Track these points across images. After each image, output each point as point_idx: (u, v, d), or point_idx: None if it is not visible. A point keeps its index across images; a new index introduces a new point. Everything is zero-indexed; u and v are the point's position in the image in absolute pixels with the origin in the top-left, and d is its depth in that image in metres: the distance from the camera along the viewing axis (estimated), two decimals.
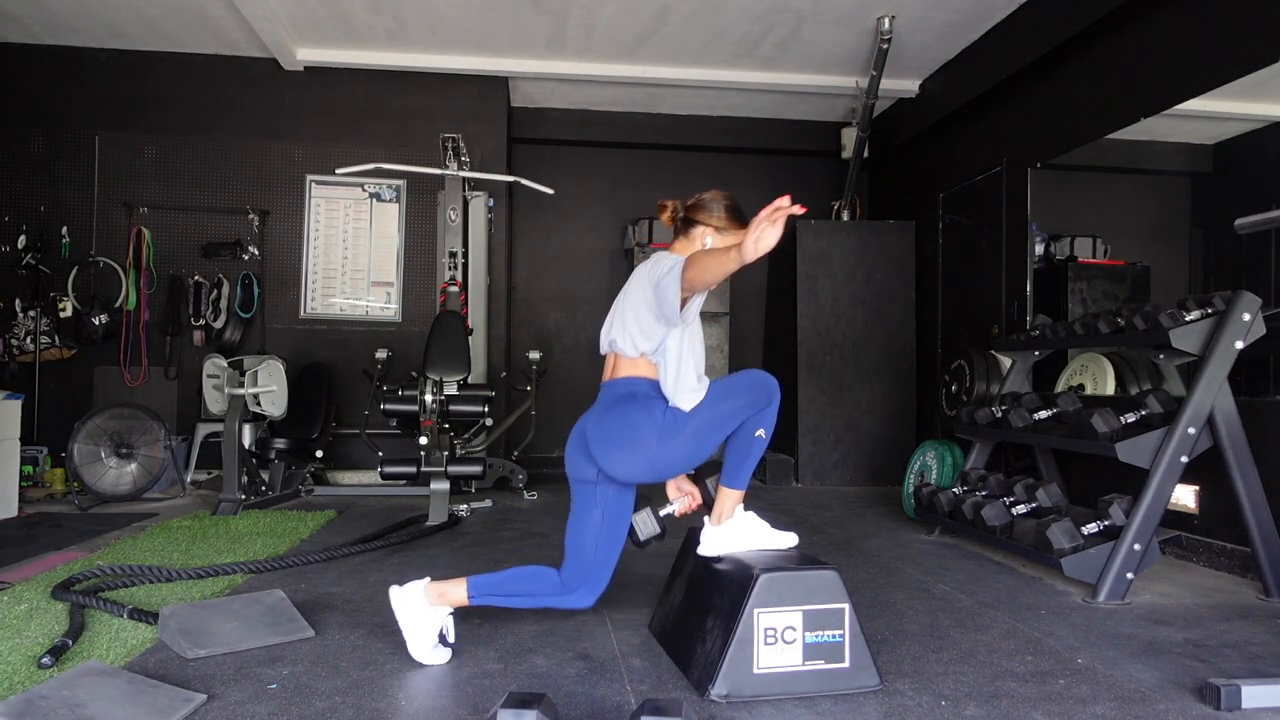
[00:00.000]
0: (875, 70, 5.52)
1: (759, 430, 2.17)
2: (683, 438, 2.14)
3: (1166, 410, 3.07)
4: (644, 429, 2.14)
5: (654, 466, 2.16)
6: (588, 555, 2.23)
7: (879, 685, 2.00)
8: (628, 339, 2.21)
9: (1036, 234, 4.88)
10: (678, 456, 2.15)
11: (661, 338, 2.17)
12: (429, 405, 4.66)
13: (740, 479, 2.22)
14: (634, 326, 2.20)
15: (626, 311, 2.24)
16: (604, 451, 2.18)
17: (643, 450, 2.14)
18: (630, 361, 2.22)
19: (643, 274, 2.24)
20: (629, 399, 2.19)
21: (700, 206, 2.27)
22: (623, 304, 2.27)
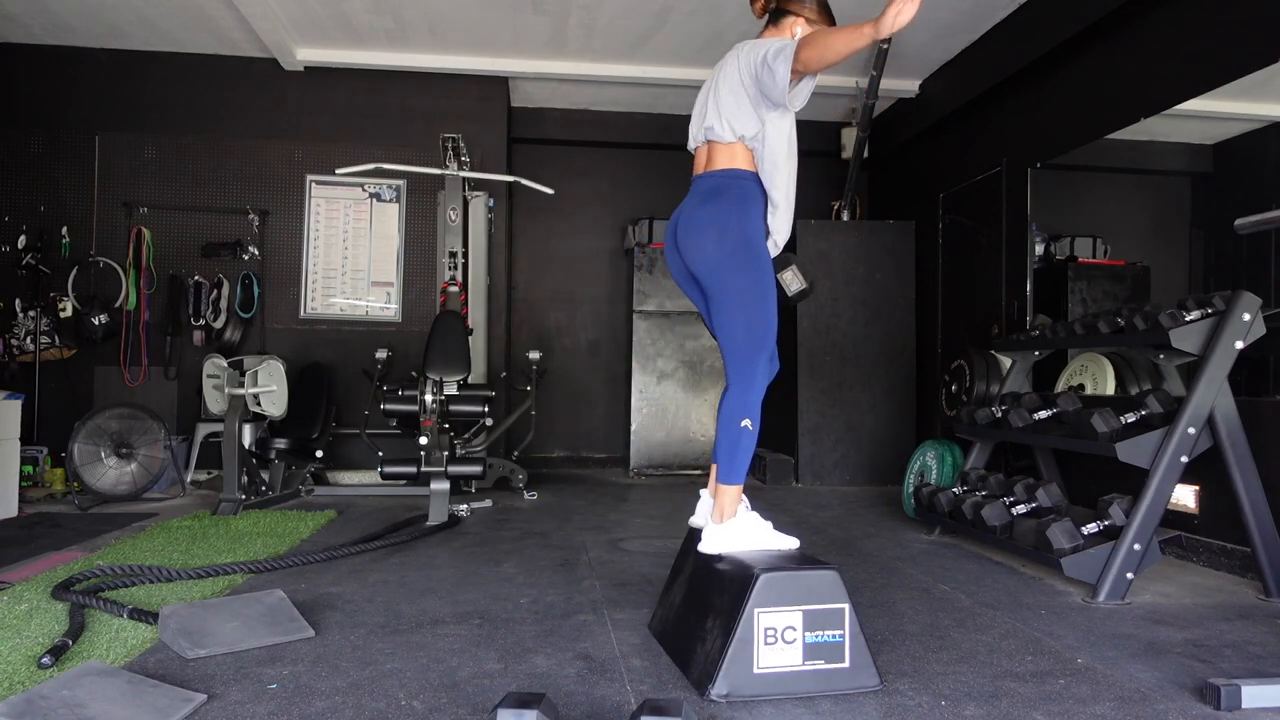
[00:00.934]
0: (875, 70, 5.52)
1: (744, 420, 2.15)
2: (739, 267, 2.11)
3: (1166, 410, 3.07)
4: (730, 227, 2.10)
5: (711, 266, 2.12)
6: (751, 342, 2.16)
7: (879, 685, 2.00)
8: (725, 124, 2.15)
9: (1036, 234, 4.88)
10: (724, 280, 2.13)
11: (761, 123, 2.10)
12: (429, 405, 4.66)
13: (735, 473, 2.21)
14: (731, 107, 2.14)
15: (722, 95, 2.18)
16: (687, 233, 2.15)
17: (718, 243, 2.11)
18: (727, 149, 2.16)
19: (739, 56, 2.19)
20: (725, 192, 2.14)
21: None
22: (715, 91, 2.22)
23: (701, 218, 2.16)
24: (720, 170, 2.18)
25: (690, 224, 2.18)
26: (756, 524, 2.26)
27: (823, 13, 2.25)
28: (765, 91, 2.06)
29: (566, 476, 6.32)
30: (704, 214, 2.16)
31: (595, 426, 6.91)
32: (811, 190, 6.92)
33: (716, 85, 2.23)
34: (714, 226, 2.13)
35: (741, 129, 2.14)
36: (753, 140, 2.14)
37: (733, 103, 2.15)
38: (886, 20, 1.76)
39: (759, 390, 2.17)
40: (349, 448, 5.83)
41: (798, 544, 2.26)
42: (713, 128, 2.20)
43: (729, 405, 2.18)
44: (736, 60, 2.19)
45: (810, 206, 6.73)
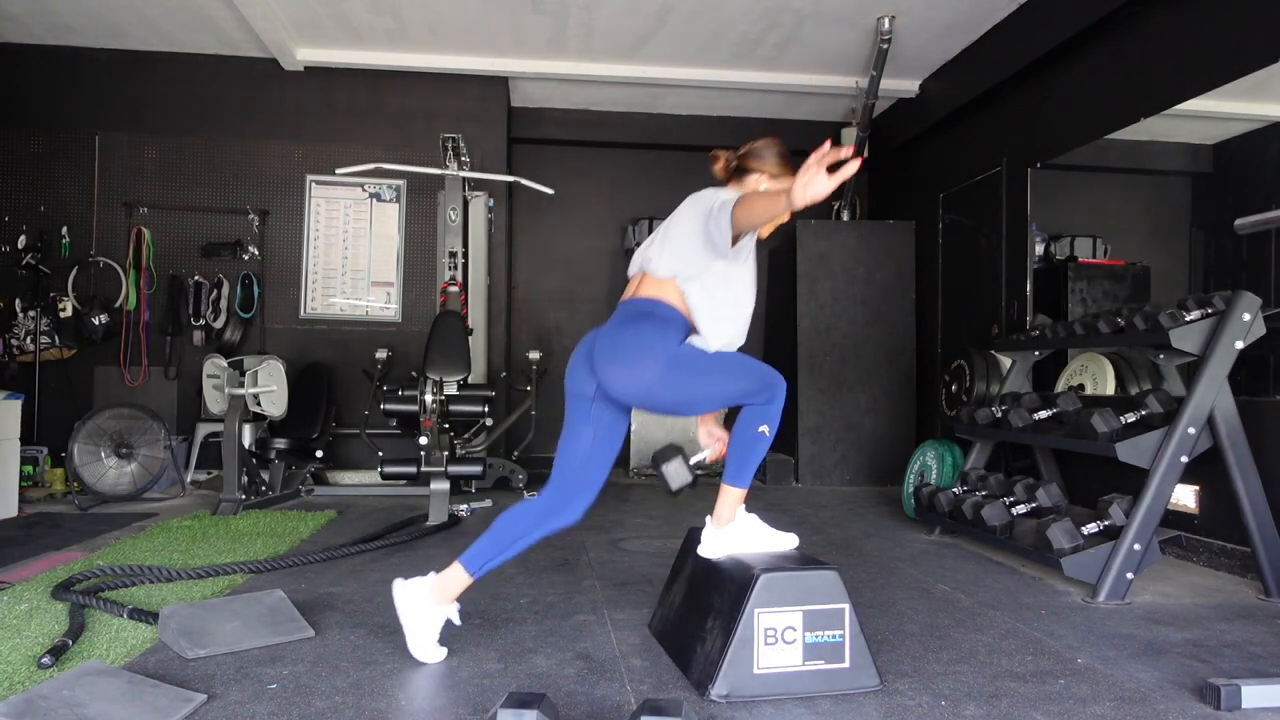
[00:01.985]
0: (875, 70, 5.52)
1: (762, 426, 2.15)
2: (687, 377, 2.09)
3: (1166, 410, 3.07)
4: (655, 350, 2.08)
5: (649, 392, 2.09)
6: (577, 474, 2.19)
7: (879, 685, 2.00)
8: (666, 257, 2.16)
9: (1036, 234, 4.88)
10: (675, 394, 2.11)
11: (702, 268, 2.12)
12: (429, 405, 4.66)
13: (743, 477, 2.20)
14: (677, 249, 2.15)
15: (672, 231, 2.20)
16: (607, 363, 2.11)
17: (646, 370, 2.07)
18: (658, 283, 2.17)
19: (694, 201, 2.21)
20: (648, 317, 2.14)
21: (753, 154, 2.26)
22: (668, 228, 2.24)
23: (623, 344, 2.11)
24: (644, 298, 2.19)
25: (609, 347, 2.13)
26: (755, 525, 2.26)
27: (783, 165, 2.25)
28: (710, 240, 2.10)
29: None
30: (625, 338, 2.12)
31: None
32: None
33: (669, 224, 2.25)
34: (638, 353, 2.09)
35: (676, 269, 2.14)
36: (685, 281, 2.14)
37: (682, 243, 2.16)
38: (796, 195, 1.78)
39: (781, 400, 2.16)
40: (349, 448, 5.83)
41: (796, 541, 2.26)
42: (650, 259, 2.22)
43: (751, 411, 2.17)
44: (691, 207, 2.21)
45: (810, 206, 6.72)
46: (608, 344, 2.14)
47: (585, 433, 2.20)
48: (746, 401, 2.14)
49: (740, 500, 2.24)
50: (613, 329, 2.17)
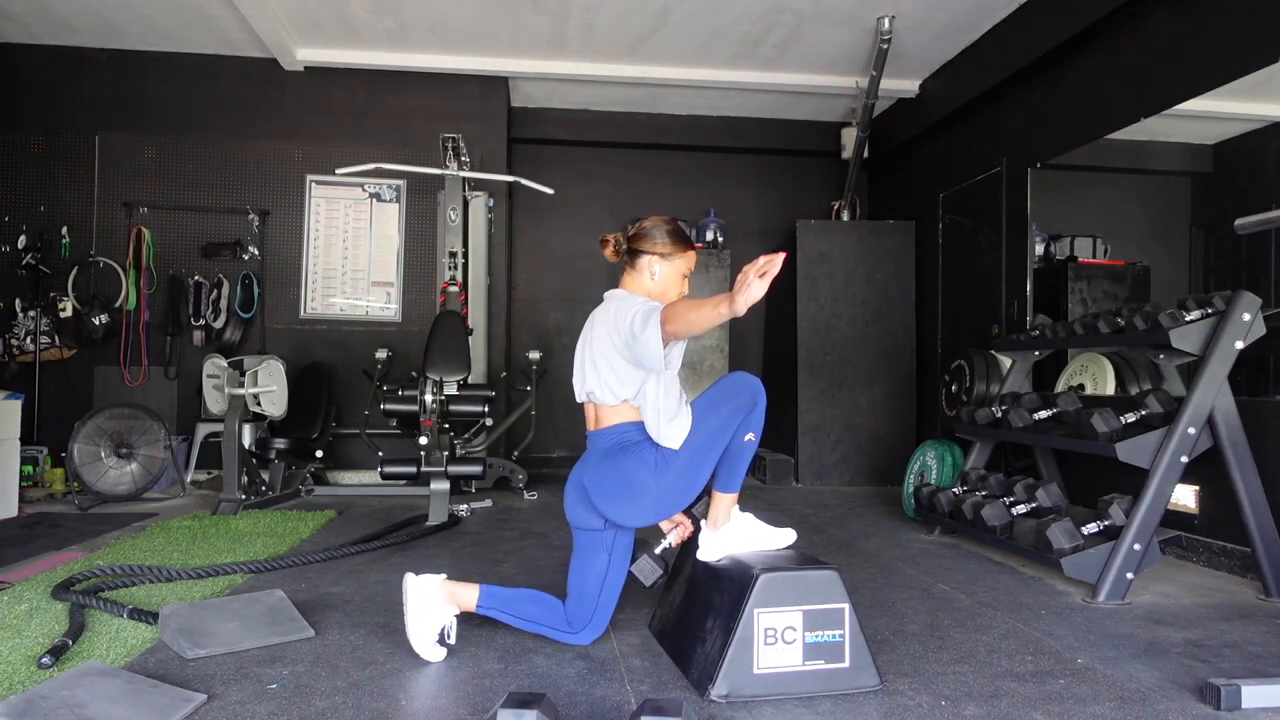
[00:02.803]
0: (875, 70, 5.52)
1: (748, 435, 2.17)
2: (680, 472, 2.14)
3: (1166, 410, 3.07)
4: (641, 476, 2.14)
5: (660, 507, 2.16)
6: (593, 597, 2.26)
7: (879, 685, 2.00)
8: (605, 389, 2.19)
9: (1036, 234, 4.88)
10: (681, 489, 2.16)
11: (640, 383, 2.15)
12: (429, 405, 4.66)
13: (732, 483, 2.22)
14: (609, 375, 2.18)
15: (599, 360, 2.21)
16: (608, 504, 2.19)
17: (645, 495, 2.14)
18: (612, 409, 2.21)
19: (606, 321, 2.20)
20: (620, 450, 2.18)
21: (642, 235, 2.26)
22: (590, 353, 2.24)
23: (609, 482, 2.18)
24: (610, 428, 2.22)
25: (601, 489, 2.19)
26: (750, 524, 2.27)
27: (676, 243, 2.24)
28: (640, 362, 2.10)
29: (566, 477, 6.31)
30: (610, 478, 2.17)
31: None
32: (811, 190, 6.95)
33: (591, 346, 2.24)
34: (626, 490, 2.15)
35: (623, 392, 2.17)
36: (635, 399, 2.17)
37: (608, 368, 2.18)
38: (739, 302, 1.78)
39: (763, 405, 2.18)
40: (349, 448, 5.83)
41: (794, 535, 2.27)
42: (593, 392, 2.24)
43: None
44: (605, 324, 2.20)
45: (810, 206, 6.75)
46: (597, 486, 2.21)
47: (599, 561, 2.27)
48: (739, 420, 2.16)
49: (733, 504, 2.25)
50: (595, 470, 2.22)
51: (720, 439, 2.16)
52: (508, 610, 2.27)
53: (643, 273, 2.26)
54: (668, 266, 2.25)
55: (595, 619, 2.28)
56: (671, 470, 2.14)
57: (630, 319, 2.09)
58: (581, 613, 2.27)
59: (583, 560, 2.28)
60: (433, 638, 2.20)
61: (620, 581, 2.30)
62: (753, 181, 6.98)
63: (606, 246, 2.31)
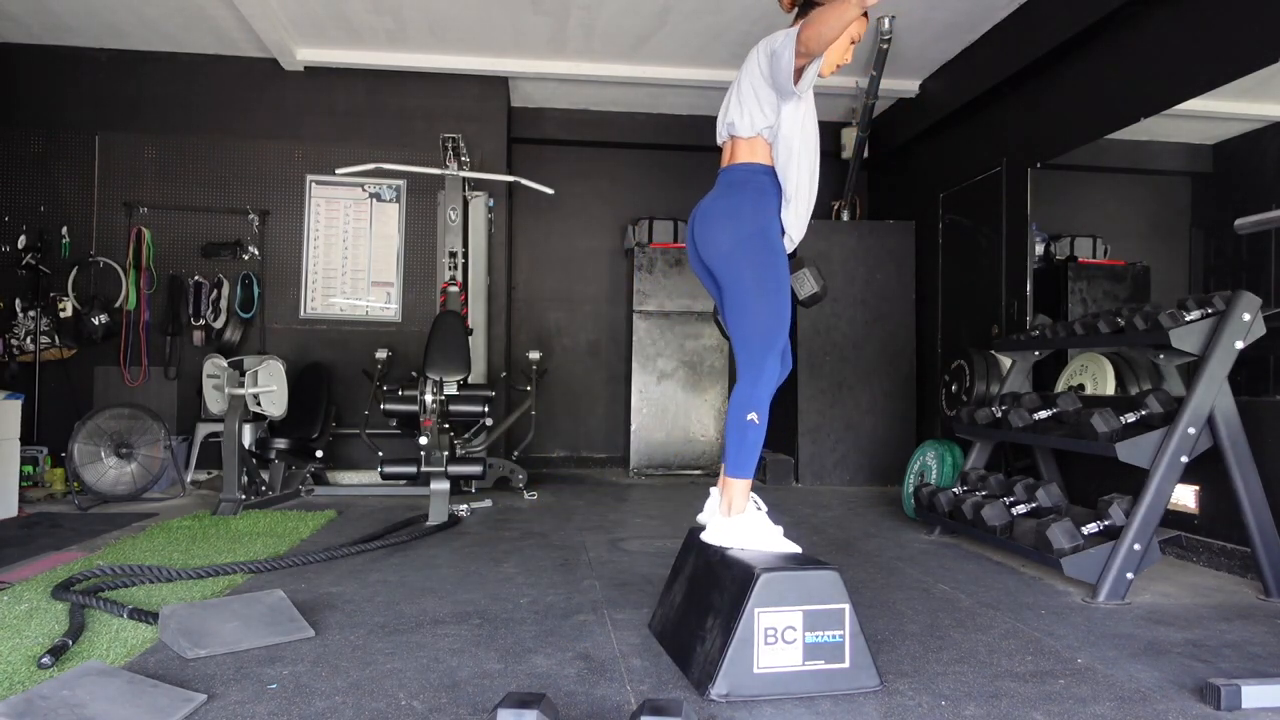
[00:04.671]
0: (875, 70, 5.52)
1: (750, 414, 2.16)
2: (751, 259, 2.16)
3: (1166, 410, 3.07)
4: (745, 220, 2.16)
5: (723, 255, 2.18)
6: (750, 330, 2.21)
7: (879, 685, 2.00)
8: (744, 115, 2.20)
9: (1036, 234, 4.88)
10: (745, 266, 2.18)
11: (778, 113, 2.15)
12: (429, 405, 4.66)
13: (742, 467, 2.21)
14: (751, 100, 2.19)
15: (743, 86, 2.23)
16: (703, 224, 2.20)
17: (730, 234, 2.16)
18: (748, 143, 2.21)
19: (759, 48, 2.23)
20: (745, 186, 2.19)
21: None
22: (738, 87, 2.26)
23: (718, 209, 2.22)
24: (740, 164, 2.24)
25: (707, 216, 2.24)
26: (765, 524, 2.26)
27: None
28: (775, 81, 2.14)
29: (566, 476, 6.32)
30: (721, 205, 2.22)
31: (595, 426, 6.91)
32: None
33: (739, 81, 2.30)
34: (729, 217, 2.19)
35: (760, 123, 2.20)
36: (770, 133, 2.19)
37: (752, 96, 2.22)
38: None
39: (767, 385, 2.18)
40: (349, 448, 5.83)
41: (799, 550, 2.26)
42: (734, 123, 2.27)
43: (736, 398, 2.20)
44: (756, 56, 2.25)
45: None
46: (708, 211, 2.24)
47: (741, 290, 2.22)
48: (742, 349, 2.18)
49: (745, 492, 2.24)
50: (713, 198, 2.25)
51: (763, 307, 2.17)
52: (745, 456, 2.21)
53: None
54: None
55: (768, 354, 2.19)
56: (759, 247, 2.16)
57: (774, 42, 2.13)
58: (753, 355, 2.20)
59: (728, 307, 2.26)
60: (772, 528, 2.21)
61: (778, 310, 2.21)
62: None
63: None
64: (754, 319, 2.19)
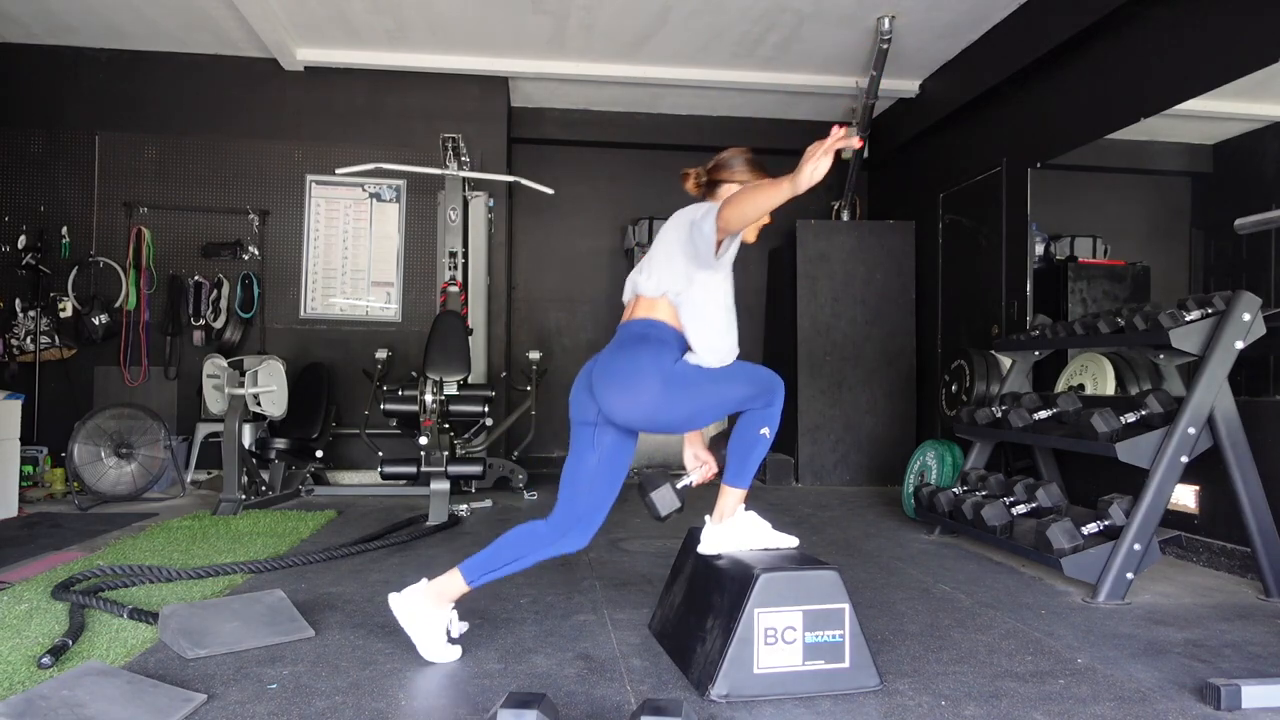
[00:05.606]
0: (875, 70, 5.52)
1: (763, 429, 2.15)
2: (687, 395, 2.09)
3: (1166, 410, 3.07)
4: (650, 373, 2.07)
5: (649, 415, 2.10)
6: (581, 498, 2.19)
7: (879, 685, 2.00)
8: (653, 277, 2.17)
9: (1036, 234, 4.88)
10: (676, 413, 2.11)
11: (688, 279, 2.12)
12: (429, 405, 4.66)
13: (743, 478, 2.21)
14: (663, 265, 2.17)
15: (657, 252, 2.21)
16: (605, 388, 2.11)
17: (644, 393, 2.07)
18: (650, 302, 2.18)
19: (675, 219, 2.22)
20: (642, 340, 2.14)
21: (722, 165, 2.27)
22: (653, 250, 2.25)
23: (615, 369, 2.11)
24: (637, 320, 2.19)
25: (606, 373, 2.13)
26: (755, 523, 2.27)
27: (754, 171, 2.24)
28: (695, 253, 2.09)
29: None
30: (619, 364, 2.12)
31: None
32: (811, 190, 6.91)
33: (655, 245, 2.25)
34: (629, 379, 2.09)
35: (666, 285, 2.15)
36: (675, 296, 2.14)
37: (664, 262, 2.17)
38: (803, 177, 1.79)
39: (780, 405, 2.17)
40: (349, 448, 5.83)
41: (797, 542, 2.26)
42: (639, 284, 2.23)
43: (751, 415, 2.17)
44: (675, 223, 2.22)
45: (810, 206, 6.73)
46: (605, 370, 2.14)
47: (589, 458, 2.19)
48: (747, 407, 2.15)
49: (741, 500, 2.25)
50: (609, 355, 2.17)
51: (727, 406, 2.13)
52: (495, 567, 2.19)
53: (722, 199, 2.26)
54: None
55: (584, 520, 2.19)
56: (682, 385, 2.08)
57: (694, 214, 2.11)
58: (570, 514, 2.19)
59: (575, 458, 2.22)
60: (441, 640, 2.19)
61: (609, 490, 2.20)
62: None
63: (688, 180, 2.31)
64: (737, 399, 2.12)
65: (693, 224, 2.09)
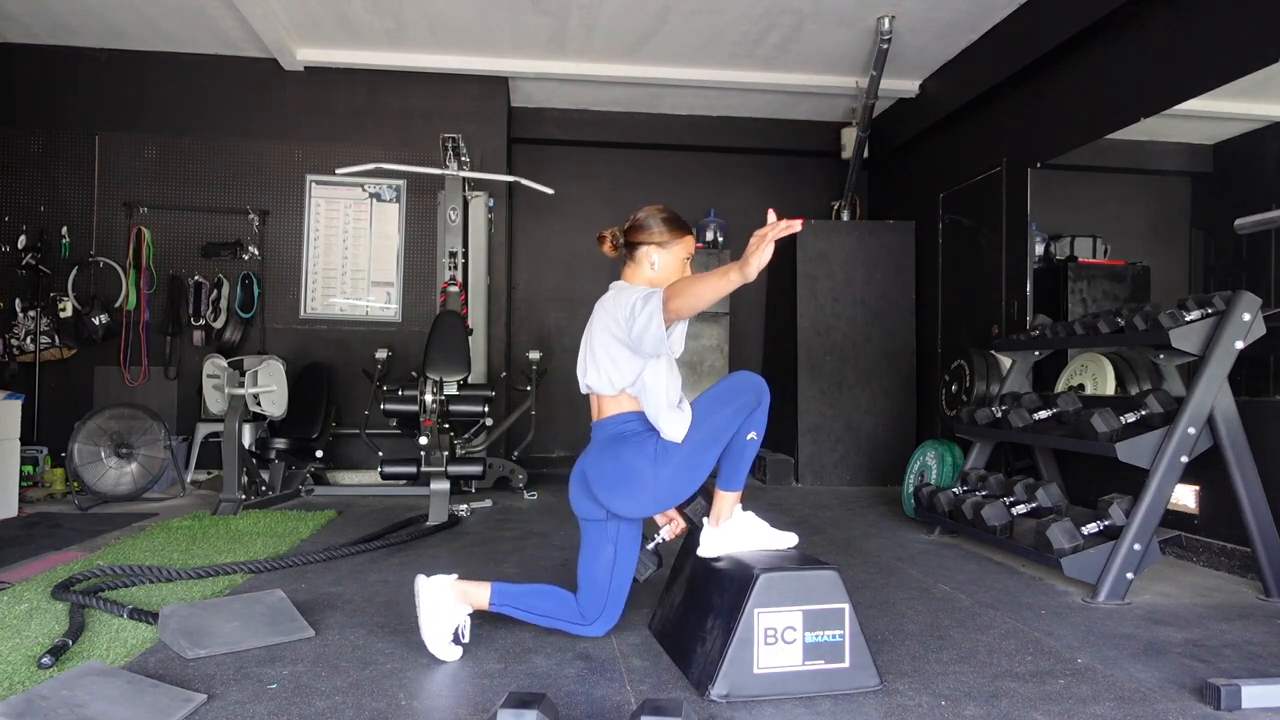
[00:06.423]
0: (875, 70, 5.52)
1: (750, 434, 2.18)
2: (679, 465, 2.14)
3: (1166, 410, 3.07)
4: (640, 467, 2.15)
5: (658, 499, 2.17)
6: (603, 588, 2.26)
7: (879, 685, 2.00)
8: (604, 378, 2.20)
9: (1036, 234, 4.88)
10: (680, 483, 2.17)
11: (638, 371, 2.16)
12: (429, 405, 4.66)
13: (735, 481, 2.23)
14: (608, 364, 2.18)
15: (597, 350, 2.22)
16: (608, 494, 2.19)
17: (644, 487, 2.15)
18: (612, 399, 2.22)
19: (607, 310, 2.22)
20: (620, 440, 2.19)
21: (638, 227, 2.27)
22: (590, 343, 2.26)
23: (605, 473, 2.19)
24: (612, 418, 2.22)
25: (601, 481, 2.20)
26: (753, 523, 2.27)
27: (672, 230, 2.25)
28: (640, 347, 2.10)
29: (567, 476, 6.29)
30: (607, 467, 2.19)
31: None
32: (811, 190, 6.94)
33: (591, 337, 2.26)
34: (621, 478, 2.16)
35: (620, 381, 2.17)
36: (634, 388, 2.17)
37: (607, 357, 2.18)
38: (751, 267, 1.82)
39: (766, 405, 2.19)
40: (349, 448, 5.83)
41: (796, 540, 2.27)
42: (592, 385, 2.25)
43: None
44: (607, 311, 2.21)
45: (810, 206, 6.75)
46: (598, 477, 2.21)
47: (606, 551, 2.26)
48: (741, 420, 2.16)
49: (736, 501, 2.26)
50: (596, 459, 2.23)
51: (722, 436, 2.16)
52: (520, 606, 2.27)
53: (642, 264, 2.26)
54: (666, 254, 2.25)
55: (608, 610, 2.27)
56: (671, 463, 2.14)
57: (630, 304, 2.10)
58: (594, 604, 2.26)
59: (590, 551, 2.29)
60: (448, 637, 2.20)
61: (630, 572, 2.29)
62: (752, 181, 6.98)
63: (604, 243, 2.31)
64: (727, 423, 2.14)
65: (633, 321, 2.08)
